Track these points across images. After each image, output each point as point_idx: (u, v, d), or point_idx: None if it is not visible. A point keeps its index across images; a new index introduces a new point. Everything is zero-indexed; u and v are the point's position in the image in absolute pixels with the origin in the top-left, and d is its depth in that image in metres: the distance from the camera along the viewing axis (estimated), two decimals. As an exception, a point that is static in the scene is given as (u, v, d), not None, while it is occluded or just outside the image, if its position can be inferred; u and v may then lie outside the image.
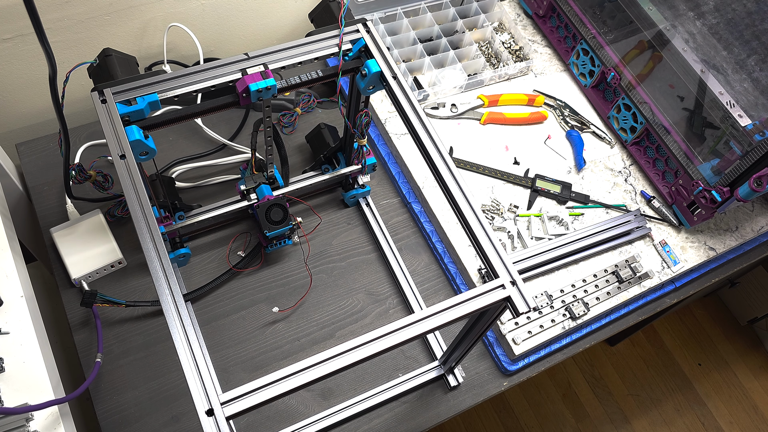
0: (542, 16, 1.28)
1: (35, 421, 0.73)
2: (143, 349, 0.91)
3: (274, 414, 0.89)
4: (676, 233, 1.09)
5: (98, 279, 0.94)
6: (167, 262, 0.62)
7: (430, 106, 1.15)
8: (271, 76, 0.75)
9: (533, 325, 0.96)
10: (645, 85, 1.10)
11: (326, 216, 1.06)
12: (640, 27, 1.10)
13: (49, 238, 0.94)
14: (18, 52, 1.00)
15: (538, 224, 1.05)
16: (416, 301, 0.99)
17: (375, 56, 0.79)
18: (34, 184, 1.02)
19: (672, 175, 1.09)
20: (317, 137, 1.06)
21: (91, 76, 0.75)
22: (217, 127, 1.10)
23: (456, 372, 0.93)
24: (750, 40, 1.00)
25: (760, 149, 0.91)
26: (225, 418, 0.55)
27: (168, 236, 0.93)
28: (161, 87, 0.73)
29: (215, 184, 1.06)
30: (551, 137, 1.17)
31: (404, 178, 1.10)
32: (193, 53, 1.15)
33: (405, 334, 0.61)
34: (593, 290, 1.00)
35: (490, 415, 1.81)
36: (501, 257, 0.67)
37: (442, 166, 0.72)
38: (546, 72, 1.25)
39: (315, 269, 1.01)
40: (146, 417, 0.86)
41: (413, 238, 1.07)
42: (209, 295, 0.96)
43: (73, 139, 1.04)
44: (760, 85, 0.98)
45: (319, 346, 0.95)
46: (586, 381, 1.92)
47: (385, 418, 0.91)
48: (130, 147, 0.68)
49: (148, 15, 1.06)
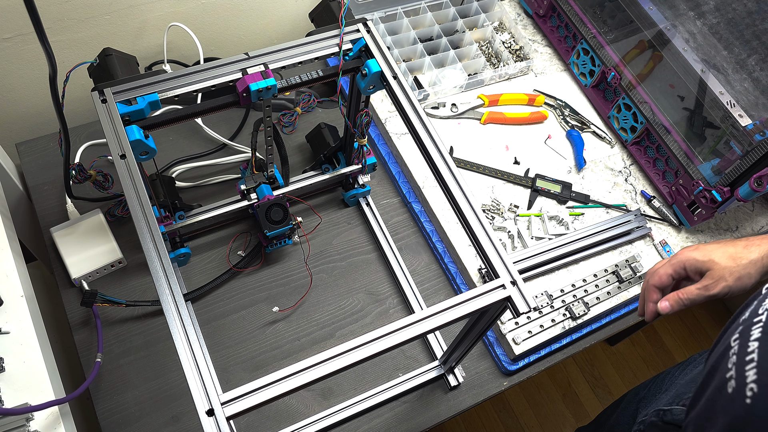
0: (542, 15, 1.28)
1: (35, 421, 0.72)
2: (143, 348, 0.91)
3: (274, 414, 0.89)
4: (677, 233, 1.09)
5: (98, 279, 0.94)
6: (167, 261, 0.62)
7: (431, 106, 1.15)
8: (271, 76, 0.75)
9: (533, 324, 0.96)
10: (645, 84, 1.10)
11: (326, 216, 1.06)
12: (640, 27, 1.09)
13: (49, 237, 0.94)
14: (18, 52, 1.00)
15: (539, 224, 1.05)
16: (416, 301, 0.99)
17: (375, 56, 0.79)
18: (34, 184, 1.02)
19: (672, 174, 1.09)
20: (317, 137, 1.06)
21: (91, 75, 0.75)
22: (218, 127, 1.10)
23: (456, 372, 0.93)
24: (750, 40, 0.99)
25: (761, 149, 0.91)
26: (225, 418, 0.55)
27: (168, 236, 0.93)
28: (161, 87, 0.73)
29: (215, 183, 1.06)
30: (551, 137, 1.17)
31: (404, 178, 1.10)
32: (193, 53, 1.15)
33: (405, 334, 0.60)
34: (593, 290, 1.00)
35: (490, 415, 1.81)
36: (501, 257, 0.67)
37: (443, 165, 0.72)
38: (546, 72, 1.25)
39: (315, 269, 1.01)
40: (146, 417, 0.86)
41: (413, 237, 1.07)
42: (209, 294, 0.96)
43: (73, 138, 1.04)
44: (761, 84, 0.98)
45: (319, 346, 0.95)
46: (586, 381, 1.92)
47: (385, 418, 0.91)
48: (131, 147, 0.68)
49: (148, 15, 1.06)
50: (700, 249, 0.78)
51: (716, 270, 0.75)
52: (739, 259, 0.75)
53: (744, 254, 0.75)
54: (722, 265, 0.75)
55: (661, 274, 0.79)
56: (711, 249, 0.77)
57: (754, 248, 0.76)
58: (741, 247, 0.76)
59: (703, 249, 0.78)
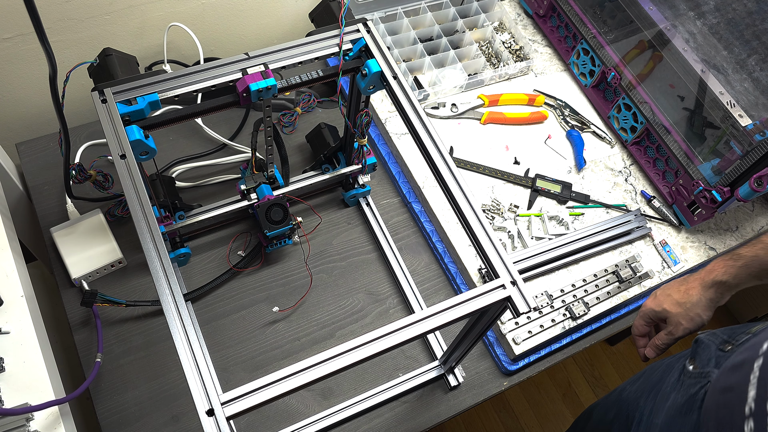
0: (542, 15, 1.28)
1: (35, 421, 0.72)
2: (143, 348, 0.91)
3: (274, 414, 0.89)
4: (677, 233, 1.09)
5: (98, 279, 0.94)
6: (167, 261, 0.62)
7: (431, 106, 1.15)
8: (271, 76, 0.75)
9: (533, 324, 0.96)
10: (645, 84, 1.10)
11: (326, 216, 1.06)
12: (640, 27, 1.09)
13: (49, 237, 0.94)
14: (18, 52, 1.00)
15: (539, 224, 1.05)
16: (416, 301, 0.99)
17: (375, 56, 0.79)
18: (34, 184, 1.02)
19: (672, 174, 1.09)
20: (317, 137, 1.06)
21: (92, 75, 0.75)
22: (218, 127, 1.10)
23: (456, 372, 0.93)
24: (750, 40, 0.99)
25: (761, 149, 0.91)
26: (225, 418, 0.55)
27: (168, 236, 0.93)
28: (161, 87, 0.73)
29: (215, 183, 1.06)
30: (551, 137, 1.17)
31: (404, 178, 1.10)
32: (193, 53, 1.15)
33: (405, 334, 0.60)
34: (593, 290, 1.00)
35: (490, 415, 1.81)
36: (501, 257, 0.67)
37: (443, 165, 0.72)
38: (546, 72, 1.25)
39: (315, 269, 1.01)
40: (146, 417, 0.86)
41: (413, 237, 1.07)
42: (209, 294, 0.96)
43: (73, 138, 1.04)
44: (761, 84, 0.98)
45: (319, 346, 0.95)
46: (586, 381, 1.92)
47: (385, 418, 0.91)
48: (131, 147, 0.68)
49: (148, 15, 1.06)
50: (656, 299, 0.89)
51: (672, 317, 0.87)
52: (684, 304, 0.86)
53: (686, 299, 0.86)
54: (674, 313, 0.86)
55: (637, 326, 0.93)
56: (662, 299, 0.88)
57: (692, 291, 0.86)
58: (683, 293, 0.87)
59: (657, 299, 0.89)
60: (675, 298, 0.86)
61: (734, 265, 0.83)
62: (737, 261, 0.83)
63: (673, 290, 0.88)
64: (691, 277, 0.88)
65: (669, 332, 0.87)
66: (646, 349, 0.90)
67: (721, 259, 0.86)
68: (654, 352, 0.89)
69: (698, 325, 0.85)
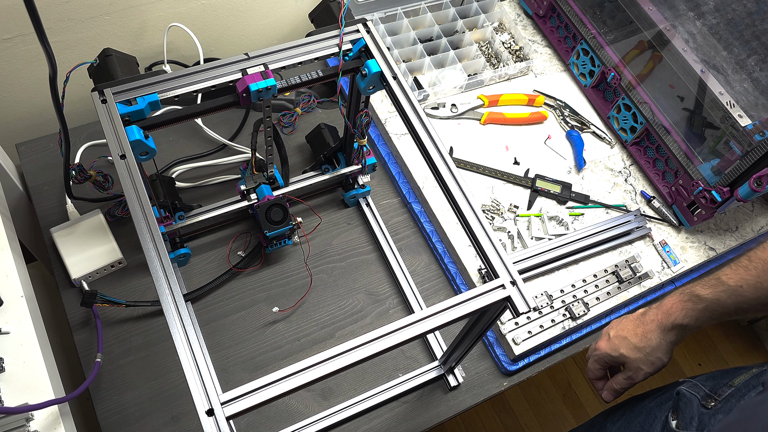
0: (542, 16, 1.28)
1: (35, 421, 0.72)
2: (143, 349, 0.91)
3: (274, 414, 0.89)
4: (676, 233, 1.09)
5: (98, 279, 0.94)
6: (167, 262, 0.62)
7: (430, 106, 1.15)
8: (271, 76, 0.75)
9: (533, 325, 0.96)
10: (645, 85, 1.10)
11: (326, 216, 1.06)
12: (640, 27, 1.10)
13: (49, 238, 0.94)
14: (18, 52, 1.00)
15: (538, 224, 1.05)
16: (416, 301, 0.99)
17: (375, 56, 0.79)
18: (34, 184, 1.02)
19: (672, 175, 1.09)
20: (317, 137, 1.06)
21: (91, 76, 0.75)
22: (217, 127, 1.10)
23: (456, 372, 0.93)
24: (750, 40, 1.00)
25: (760, 149, 0.91)
26: (225, 418, 0.55)
27: (168, 236, 0.93)
28: (161, 87, 0.73)
29: (215, 184, 1.06)
30: (551, 137, 1.17)
31: (404, 178, 1.10)
32: (193, 53, 1.15)
33: (405, 334, 0.61)
34: (593, 290, 1.00)
35: (490, 415, 1.81)
36: (501, 257, 0.67)
37: (442, 166, 0.72)
38: (546, 72, 1.25)
39: (315, 269, 1.01)
40: (146, 417, 0.86)
41: (413, 238, 1.07)
42: (209, 295, 0.96)
43: (73, 139, 1.04)
44: (760, 85, 0.98)
45: (319, 346, 0.95)
46: (586, 381, 1.92)
47: (385, 418, 0.91)
48: (131, 147, 0.68)
49: (148, 15, 1.06)
50: (611, 342, 0.84)
51: (630, 363, 0.82)
52: (643, 349, 0.81)
53: (645, 343, 0.81)
54: (633, 358, 0.81)
55: (592, 370, 0.88)
56: (618, 342, 0.83)
57: (651, 335, 0.81)
58: (640, 336, 0.81)
59: (612, 342, 0.84)
60: (633, 342, 0.81)
61: (695, 308, 0.78)
62: (697, 304, 0.78)
63: (629, 333, 0.82)
64: (647, 318, 0.82)
65: (629, 377, 0.83)
66: (604, 392, 0.86)
67: (679, 300, 0.80)
68: (612, 396, 0.85)
69: (659, 369, 0.81)
